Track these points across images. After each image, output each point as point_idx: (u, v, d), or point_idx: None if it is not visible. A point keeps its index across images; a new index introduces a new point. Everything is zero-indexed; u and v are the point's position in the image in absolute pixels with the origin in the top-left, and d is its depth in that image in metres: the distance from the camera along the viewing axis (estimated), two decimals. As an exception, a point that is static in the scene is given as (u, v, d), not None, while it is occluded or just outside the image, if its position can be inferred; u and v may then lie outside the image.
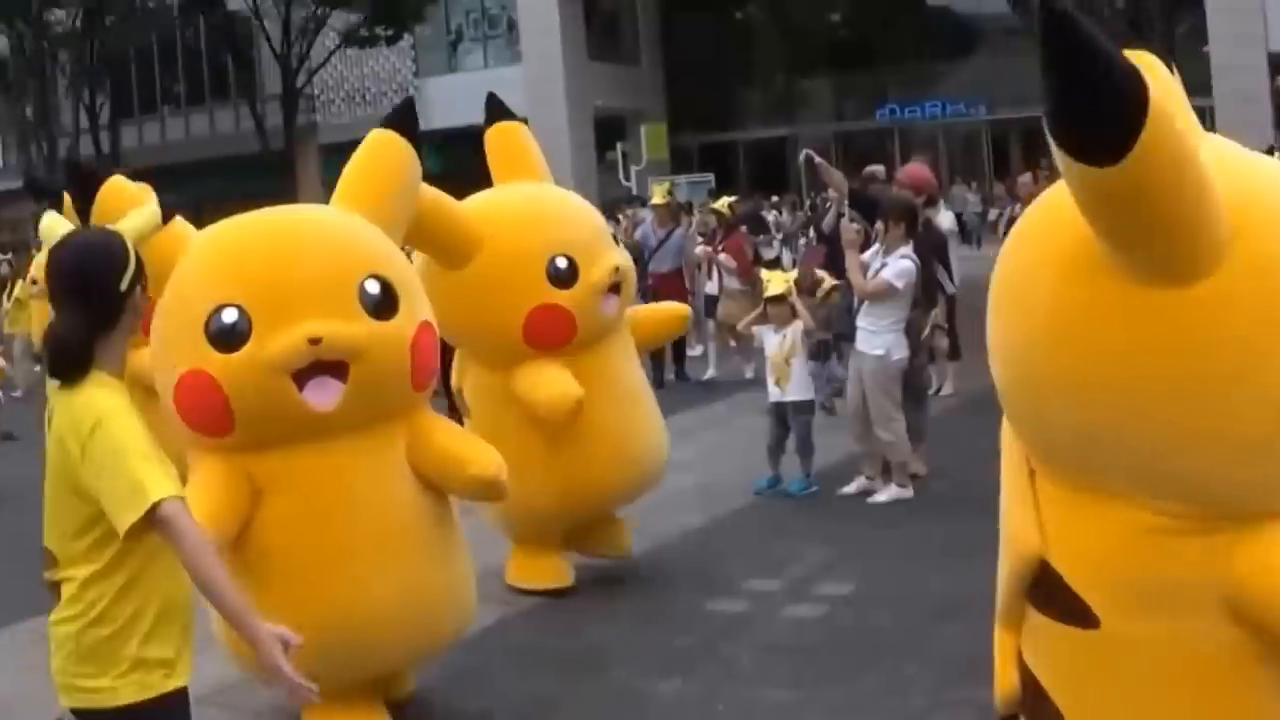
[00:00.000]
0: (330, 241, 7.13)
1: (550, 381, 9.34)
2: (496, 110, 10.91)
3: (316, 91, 53.34)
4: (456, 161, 48.60)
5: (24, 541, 6.62)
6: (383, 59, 52.82)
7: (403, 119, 8.05)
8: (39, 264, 16.90)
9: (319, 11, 48.55)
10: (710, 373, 20.90)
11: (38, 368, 23.25)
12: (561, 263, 9.48)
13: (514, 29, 51.73)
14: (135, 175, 30.64)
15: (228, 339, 6.61)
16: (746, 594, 9.97)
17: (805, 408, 13.05)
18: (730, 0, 56.26)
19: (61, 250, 4.77)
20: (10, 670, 9.34)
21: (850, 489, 12.70)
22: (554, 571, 10.37)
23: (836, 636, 8.96)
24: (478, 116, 38.05)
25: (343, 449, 6.93)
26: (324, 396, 6.71)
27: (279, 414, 6.70)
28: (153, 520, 4.43)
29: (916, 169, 17.71)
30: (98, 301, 4.62)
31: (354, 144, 31.54)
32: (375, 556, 7.01)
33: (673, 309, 11.88)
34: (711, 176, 45.86)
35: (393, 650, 7.35)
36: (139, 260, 4.74)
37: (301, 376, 6.66)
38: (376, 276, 6.92)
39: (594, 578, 10.48)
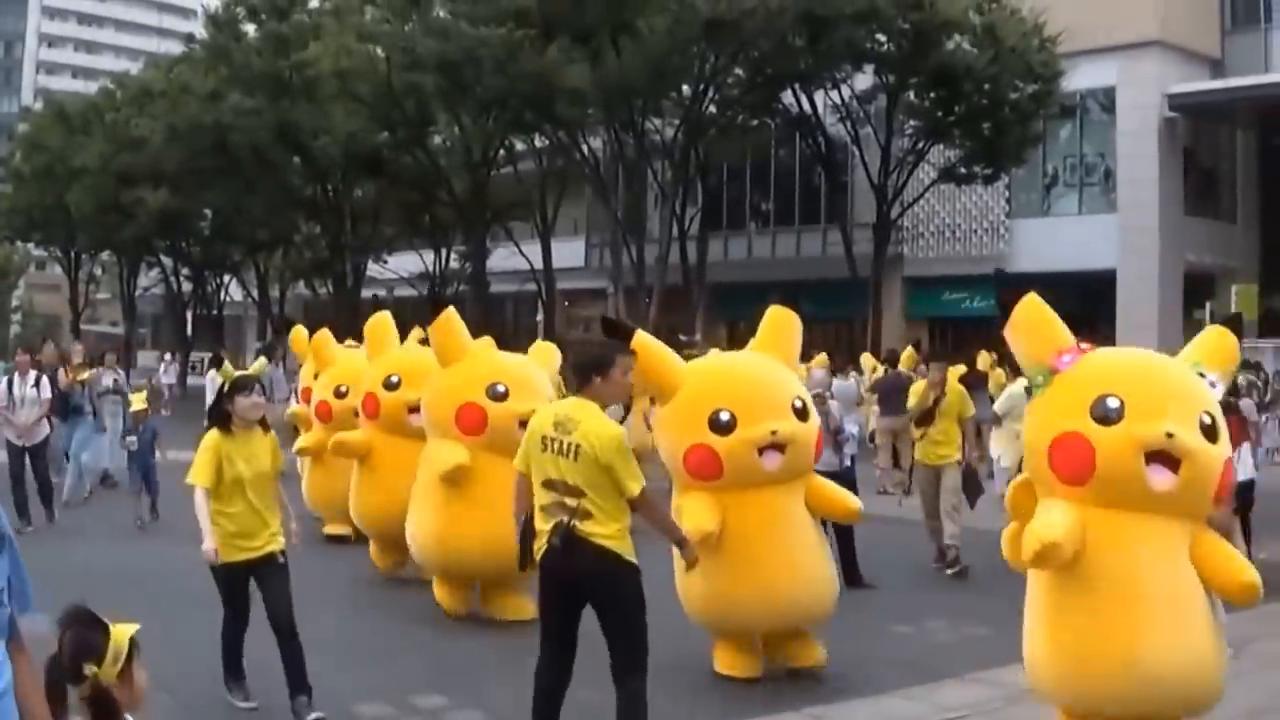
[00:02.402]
0: None
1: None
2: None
3: (906, 223, 53.53)
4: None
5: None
6: (976, 197, 52.74)
7: None
8: None
9: (918, 145, 48.84)
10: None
11: None
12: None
13: (1110, 178, 51.17)
14: (717, 291, 31.93)
15: None
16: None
17: None
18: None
19: None
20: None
21: None
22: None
23: None
24: (1067, 262, 38.52)
25: None
26: None
27: None
28: None
29: None
30: None
31: (939, 279, 32.49)
32: None
33: None
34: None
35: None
36: None
37: None
38: None
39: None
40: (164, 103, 60.89)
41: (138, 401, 23.45)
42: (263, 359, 14.86)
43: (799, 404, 12.71)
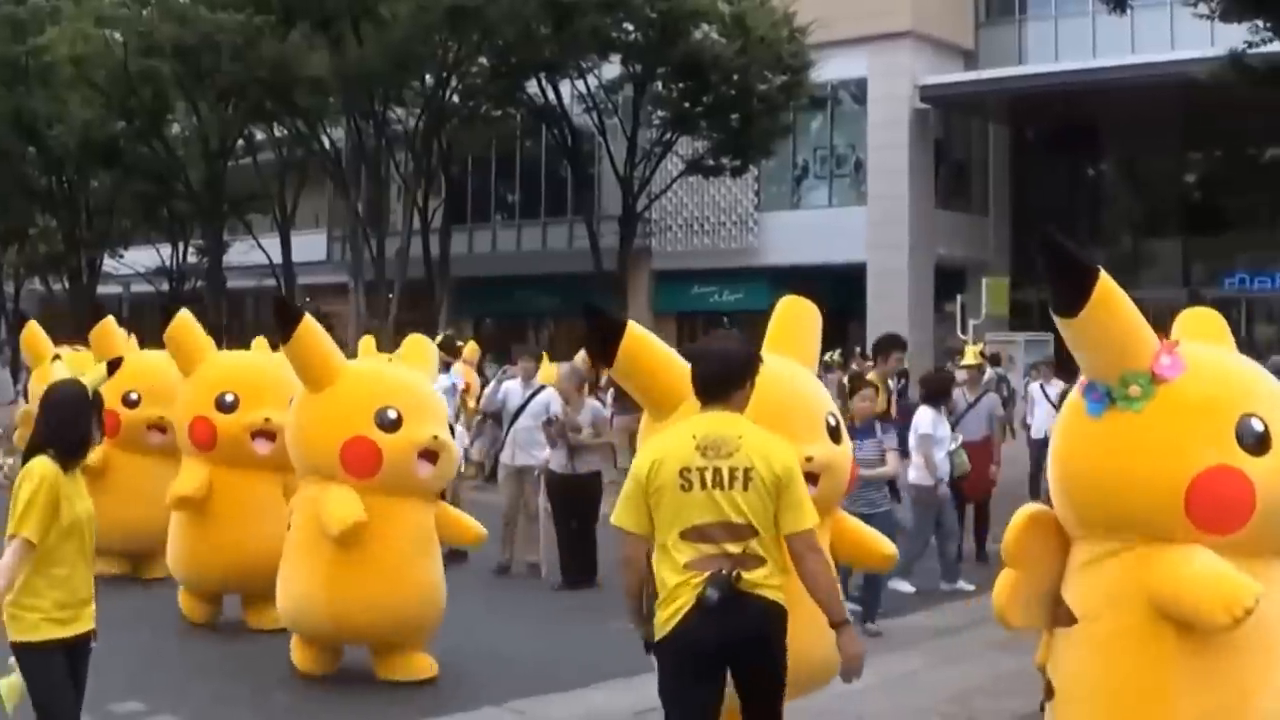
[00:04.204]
0: None
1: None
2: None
3: (654, 216, 53.01)
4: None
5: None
6: (725, 189, 52.25)
7: None
8: None
9: (665, 136, 48.31)
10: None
11: None
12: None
13: (861, 170, 51.07)
14: (461, 285, 30.48)
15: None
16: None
17: None
18: (1083, 156, 54.83)
19: None
20: None
21: None
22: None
23: None
24: (817, 254, 37.89)
25: None
26: None
27: None
28: None
29: None
30: None
31: (688, 272, 31.41)
32: None
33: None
34: (1051, 336, 44.58)
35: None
36: None
37: None
38: None
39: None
40: (-104, 89, 58.53)
41: None
42: (102, 367, 12.34)
43: (833, 421, 9.47)
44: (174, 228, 63.75)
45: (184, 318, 14.81)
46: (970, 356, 21.14)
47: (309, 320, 12.29)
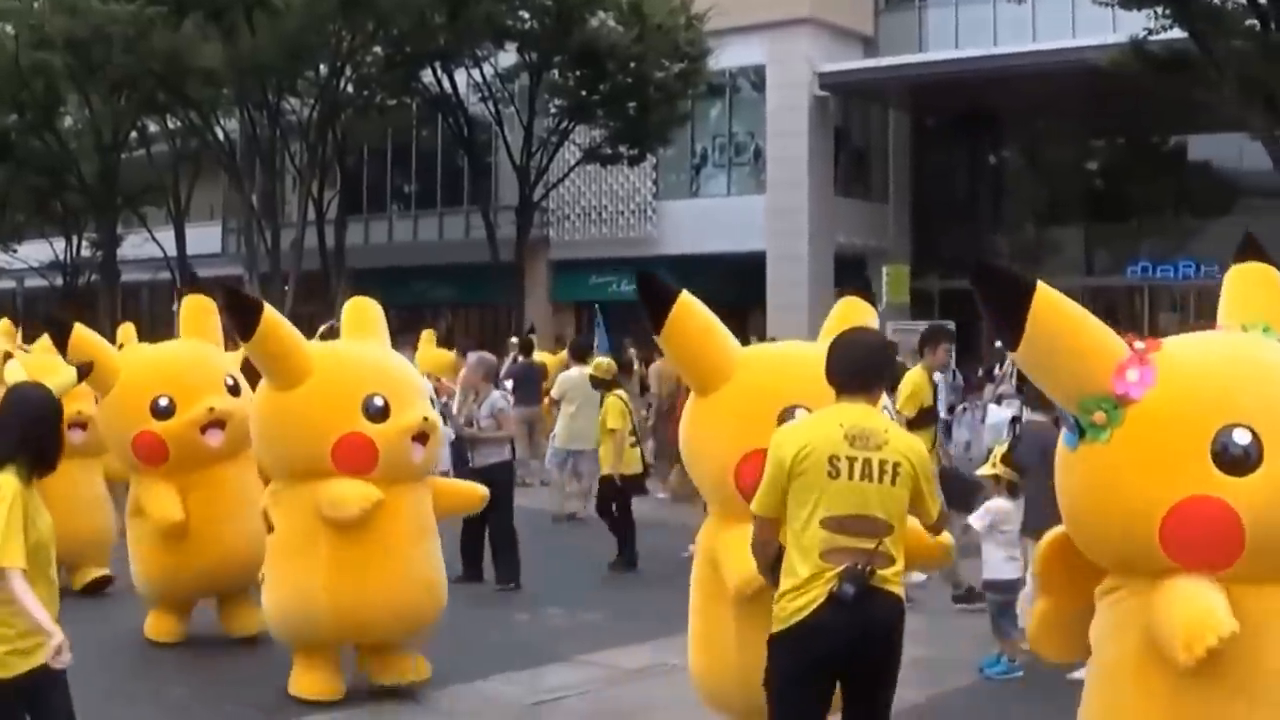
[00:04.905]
0: None
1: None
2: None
3: (551, 205, 52.73)
4: (691, 288, 48.18)
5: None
6: (622, 178, 51.87)
7: None
8: None
9: (562, 125, 48.12)
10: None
11: None
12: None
13: (760, 158, 50.76)
14: (358, 276, 29.90)
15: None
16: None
17: (995, 586, 12.45)
18: (984, 144, 54.81)
19: None
20: None
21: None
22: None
23: None
24: (716, 243, 37.66)
25: None
26: None
27: None
28: None
29: None
30: None
31: (586, 262, 31.05)
32: None
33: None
34: (952, 324, 44.50)
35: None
36: None
37: None
38: None
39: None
40: None
41: None
42: (71, 371, 11.40)
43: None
44: (67, 221, 62.81)
45: (80, 333, 13.33)
46: None
47: (270, 312, 11.09)
